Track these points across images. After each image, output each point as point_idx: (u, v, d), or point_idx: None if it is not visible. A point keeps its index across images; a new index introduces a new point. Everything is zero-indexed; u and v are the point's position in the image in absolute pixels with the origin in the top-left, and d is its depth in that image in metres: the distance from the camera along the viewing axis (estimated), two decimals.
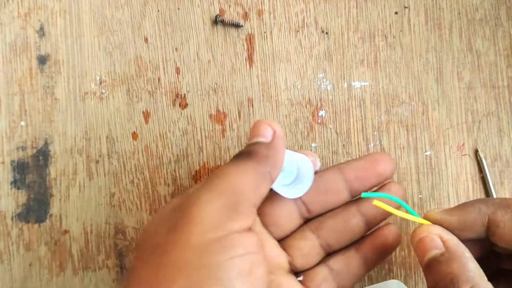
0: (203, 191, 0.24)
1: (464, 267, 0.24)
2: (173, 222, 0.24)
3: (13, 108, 0.36)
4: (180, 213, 0.24)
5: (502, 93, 0.37)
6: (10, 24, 0.37)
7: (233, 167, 0.26)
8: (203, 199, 0.23)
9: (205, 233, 0.23)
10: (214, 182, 0.25)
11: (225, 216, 0.23)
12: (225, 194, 0.24)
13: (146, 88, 0.37)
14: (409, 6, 0.37)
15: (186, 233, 0.23)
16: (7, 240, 0.36)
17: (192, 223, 0.23)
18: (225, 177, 0.25)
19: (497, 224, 0.26)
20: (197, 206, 0.23)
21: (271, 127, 0.28)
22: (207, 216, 0.23)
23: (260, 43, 0.37)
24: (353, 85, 0.37)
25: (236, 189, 0.24)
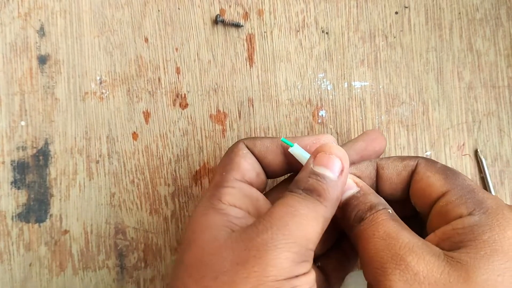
0: (279, 237, 0.25)
1: (379, 198, 0.29)
2: (243, 258, 0.25)
3: (13, 108, 0.36)
4: (253, 253, 0.25)
5: (502, 93, 0.37)
6: (10, 24, 0.37)
7: (305, 210, 0.26)
8: (279, 247, 0.25)
9: (279, 276, 0.25)
10: (288, 227, 0.26)
11: (296, 262, 0.25)
12: (299, 243, 0.26)
13: (146, 88, 0.37)
14: (410, 6, 0.37)
15: (261, 273, 0.24)
16: (7, 240, 0.36)
17: (269, 267, 0.25)
18: (298, 222, 0.26)
19: (382, 166, 0.31)
20: (274, 252, 0.25)
21: (341, 161, 0.28)
22: (282, 262, 0.25)
23: (260, 43, 0.37)
24: (353, 85, 0.37)
25: (308, 236, 0.26)
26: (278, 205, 0.27)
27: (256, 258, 0.25)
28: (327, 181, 0.27)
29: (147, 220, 0.37)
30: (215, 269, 0.25)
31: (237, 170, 0.30)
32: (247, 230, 0.26)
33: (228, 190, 0.29)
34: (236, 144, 0.31)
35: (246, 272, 0.24)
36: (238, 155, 0.30)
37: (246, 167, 0.30)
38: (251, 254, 0.25)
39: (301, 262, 0.26)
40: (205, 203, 0.29)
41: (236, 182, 0.30)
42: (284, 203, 0.27)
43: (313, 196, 0.27)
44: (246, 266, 0.25)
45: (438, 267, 0.25)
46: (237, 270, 0.25)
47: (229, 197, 0.29)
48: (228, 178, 0.30)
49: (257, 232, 0.26)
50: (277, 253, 0.25)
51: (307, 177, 0.28)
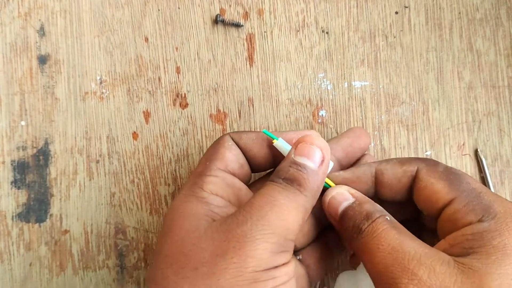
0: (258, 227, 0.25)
1: (375, 206, 0.29)
2: (223, 249, 0.25)
3: (14, 108, 0.36)
4: (232, 244, 0.25)
5: (502, 92, 0.37)
6: (10, 24, 0.37)
7: (285, 200, 0.26)
8: (258, 237, 0.25)
9: (258, 267, 0.25)
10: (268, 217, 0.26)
11: (275, 253, 0.25)
12: (278, 233, 0.26)
13: (146, 88, 0.37)
14: (410, 6, 0.37)
15: (240, 265, 0.25)
16: (7, 240, 0.36)
17: (248, 258, 0.25)
18: (278, 212, 0.26)
19: (381, 172, 0.30)
20: (253, 244, 0.25)
21: (321, 151, 0.28)
22: (261, 253, 0.25)
23: (260, 43, 0.37)
24: (353, 84, 0.37)
25: (288, 226, 0.26)
26: (258, 195, 0.27)
27: (236, 249, 0.25)
28: (308, 171, 0.27)
29: (147, 220, 0.37)
30: (195, 260, 0.25)
31: (221, 160, 0.30)
32: (227, 220, 0.26)
33: (211, 179, 0.29)
34: (221, 137, 0.31)
35: (225, 264, 0.25)
36: (223, 146, 0.30)
37: (230, 158, 0.30)
38: (231, 245, 0.25)
39: (280, 252, 0.26)
40: (186, 191, 0.29)
41: (219, 172, 0.29)
42: (264, 193, 0.27)
43: (293, 186, 0.27)
44: (226, 257, 0.25)
45: (450, 276, 0.24)
46: (217, 262, 0.25)
47: (211, 185, 0.29)
48: (211, 167, 0.30)
49: (237, 222, 0.26)
50: (256, 244, 0.25)
51: (288, 167, 0.28)
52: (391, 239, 0.26)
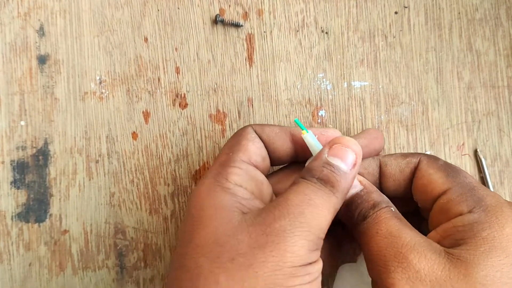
0: (296, 224, 0.26)
1: (382, 196, 0.30)
2: (261, 242, 0.25)
3: (13, 108, 0.36)
4: (271, 238, 0.26)
5: (502, 92, 0.37)
6: (10, 23, 0.37)
7: (320, 200, 0.27)
8: (297, 234, 0.26)
9: (296, 262, 0.25)
10: (305, 215, 0.26)
11: (310, 250, 0.26)
12: (313, 232, 0.26)
13: (146, 88, 0.37)
14: (409, 6, 0.37)
15: (279, 259, 0.25)
16: (7, 240, 0.36)
17: (287, 253, 0.25)
18: (313, 212, 0.27)
19: (385, 163, 0.31)
20: (292, 239, 0.26)
21: (355, 155, 0.29)
22: (299, 249, 0.25)
23: (260, 43, 0.37)
24: (353, 84, 0.37)
25: (321, 226, 0.27)
26: (293, 192, 0.27)
27: (275, 244, 0.25)
28: (341, 173, 0.28)
29: (147, 220, 0.37)
30: (232, 250, 0.25)
31: (244, 152, 0.30)
32: (262, 214, 0.27)
33: (235, 170, 0.29)
34: (244, 128, 0.31)
35: (264, 256, 0.25)
36: (245, 138, 0.31)
37: (253, 150, 0.30)
38: (270, 239, 0.25)
39: (314, 250, 0.26)
40: (211, 181, 0.29)
41: (242, 163, 0.30)
42: (299, 191, 0.27)
43: (327, 187, 0.28)
44: (265, 250, 0.25)
45: (439, 264, 0.25)
46: (255, 254, 0.25)
47: (235, 177, 0.29)
48: (234, 158, 0.30)
49: (273, 217, 0.26)
50: (294, 240, 0.25)
51: (321, 167, 0.28)
52: (390, 226, 0.27)
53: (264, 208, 0.27)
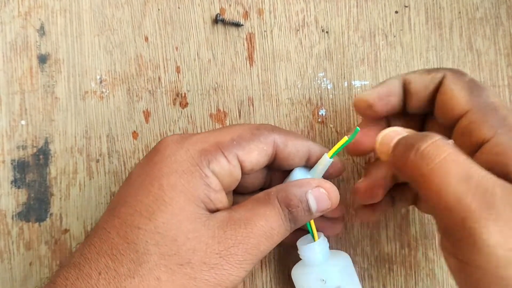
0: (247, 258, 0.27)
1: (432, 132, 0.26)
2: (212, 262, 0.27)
3: (14, 107, 0.36)
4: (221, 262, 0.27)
5: (502, 92, 0.37)
6: (10, 23, 0.37)
7: (278, 236, 0.28)
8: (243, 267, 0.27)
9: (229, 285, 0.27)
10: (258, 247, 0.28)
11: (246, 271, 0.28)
12: (255, 263, 0.28)
13: (146, 87, 0.37)
14: (410, 5, 0.37)
15: (218, 282, 0.27)
16: (7, 239, 0.36)
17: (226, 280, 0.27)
18: (268, 246, 0.28)
19: (409, 81, 0.30)
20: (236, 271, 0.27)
21: (330, 205, 0.29)
22: (237, 279, 0.27)
23: (260, 42, 0.37)
24: (353, 84, 0.37)
25: (263, 253, 0.28)
26: (261, 217, 0.28)
27: (222, 268, 0.26)
28: (308, 214, 0.29)
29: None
30: (184, 255, 0.26)
31: (246, 153, 0.29)
32: (226, 230, 0.27)
33: (223, 161, 0.28)
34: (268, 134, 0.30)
35: (208, 275, 0.26)
36: (259, 146, 0.29)
37: (253, 159, 0.29)
38: (220, 262, 0.26)
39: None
40: (195, 154, 0.28)
41: (234, 159, 0.29)
42: (267, 219, 0.28)
43: (290, 223, 0.28)
44: (211, 270, 0.26)
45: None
46: (202, 269, 0.26)
47: (218, 167, 0.28)
48: (233, 149, 0.28)
49: (233, 242, 0.27)
50: (239, 272, 0.27)
51: (299, 201, 0.28)
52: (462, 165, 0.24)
53: (230, 222, 0.27)
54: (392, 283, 0.36)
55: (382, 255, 0.36)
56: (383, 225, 0.36)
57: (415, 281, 0.36)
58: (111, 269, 0.25)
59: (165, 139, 0.29)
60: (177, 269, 0.26)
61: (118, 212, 0.27)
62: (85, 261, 0.26)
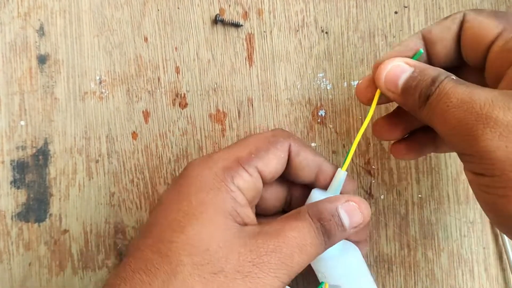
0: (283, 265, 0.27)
1: (437, 69, 0.27)
2: (245, 270, 0.26)
3: (13, 108, 0.36)
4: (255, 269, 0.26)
5: None
6: (10, 23, 0.37)
7: (312, 249, 0.28)
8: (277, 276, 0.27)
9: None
10: (292, 260, 0.27)
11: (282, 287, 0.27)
12: (291, 276, 0.27)
13: (145, 88, 0.37)
14: (409, 6, 0.37)
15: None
16: (6, 239, 0.36)
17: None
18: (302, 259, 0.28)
19: (429, 30, 0.29)
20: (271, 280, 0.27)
21: (363, 218, 0.29)
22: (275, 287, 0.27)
23: (260, 43, 0.37)
24: (353, 84, 0.37)
25: (299, 269, 0.27)
26: (294, 231, 0.27)
27: (256, 277, 0.26)
28: (342, 229, 0.28)
29: (147, 220, 0.37)
30: (218, 264, 0.26)
31: (265, 164, 0.29)
32: (258, 240, 0.27)
33: (245, 175, 0.29)
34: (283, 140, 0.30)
35: (242, 284, 0.26)
36: (275, 154, 0.30)
37: (272, 168, 0.30)
38: (254, 270, 0.26)
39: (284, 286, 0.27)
40: (218, 171, 0.28)
41: (255, 171, 0.29)
42: (300, 231, 0.27)
43: (324, 237, 0.28)
44: (245, 279, 0.26)
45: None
46: (236, 278, 0.26)
47: (242, 181, 0.29)
48: (252, 163, 0.29)
49: (266, 251, 0.26)
50: (273, 281, 0.26)
51: (331, 215, 0.28)
52: (459, 94, 0.25)
53: (261, 233, 0.27)
54: (391, 284, 0.36)
55: (382, 255, 0.36)
56: (382, 225, 0.36)
57: (414, 281, 0.36)
58: (145, 283, 0.25)
59: (190, 163, 0.30)
60: (210, 278, 0.25)
61: (150, 232, 0.28)
62: (120, 280, 0.26)
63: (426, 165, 0.37)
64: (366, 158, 0.37)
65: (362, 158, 0.37)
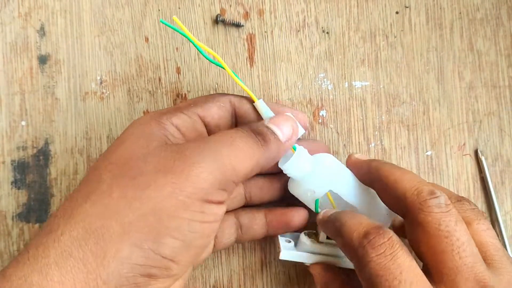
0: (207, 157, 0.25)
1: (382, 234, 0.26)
2: (167, 167, 0.25)
3: (14, 108, 0.36)
4: (177, 164, 0.25)
5: (503, 92, 0.37)
6: (10, 23, 0.37)
7: (244, 144, 0.27)
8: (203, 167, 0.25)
9: (193, 194, 0.25)
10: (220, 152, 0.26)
11: (214, 188, 0.25)
12: (223, 171, 0.26)
13: (146, 88, 0.37)
14: (410, 6, 0.37)
15: (177, 186, 0.25)
16: (7, 240, 0.36)
17: (186, 182, 0.25)
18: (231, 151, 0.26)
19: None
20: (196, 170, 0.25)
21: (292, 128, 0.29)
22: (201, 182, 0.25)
23: (261, 43, 0.37)
24: (354, 84, 0.37)
25: (236, 169, 0.26)
26: (220, 132, 0.28)
27: (178, 170, 0.25)
28: (276, 137, 0.28)
29: None
30: (136, 170, 0.25)
31: (204, 109, 0.30)
32: (180, 144, 0.27)
33: (182, 116, 0.29)
34: (222, 95, 0.32)
35: (163, 181, 0.25)
36: (215, 103, 0.31)
37: (213, 113, 0.30)
38: (175, 164, 0.25)
39: (220, 189, 0.26)
40: (154, 115, 0.29)
41: (194, 115, 0.30)
42: (226, 133, 0.27)
43: (256, 137, 0.28)
44: (166, 175, 0.25)
45: None
46: (157, 177, 0.25)
47: (179, 121, 0.29)
48: (191, 109, 0.30)
49: (188, 147, 0.26)
50: (199, 172, 0.25)
51: (259, 125, 0.29)
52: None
53: (186, 141, 0.27)
54: None
55: None
56: None
57: None
58: (66, 208, 0.25)
59: None
60: (129, 183, 0.25)
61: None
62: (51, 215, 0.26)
63: (427, 165, 0.37)
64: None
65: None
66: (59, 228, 0.24)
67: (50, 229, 0.25)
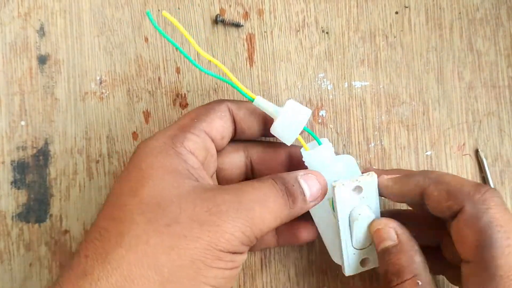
0: (242, 215, 0.26)
1: (411, 260, 0.28)
2: (202, 218, 0.26)
3: (13, 108, 0.36)
4: (213, 218, 0.26)
5: (502, 92, 0.37)
6: (10, 24, 0.37)
7: (275, 205, 0.28)
8: (238, 226, 0.26)
9: (226, 249, 0.26)
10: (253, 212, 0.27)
11: (243, 244, 0.27)
12: (253, 230, 0.27)
13: (146, 88, 0.37)
14: (410, 6, 0.37)
15: (212, 240, 0.25)
16: (7, 240, 0.36)
17: (221, 239, 0.26)
18: (263, 213, 0.27)
19: (428, 197, 0.29)
20: (231, 228, 0.26)
21: (321, 189, 0.30)
22: (234, 239, 0.26)
23: (260, 43, 0.37)
24: (353, 85, 0.37)
25: (263, 228, 0.27)
26: (254, 186, 0.28)
27: (215, 225, 0.25)
28: (303, 197, 0.29)
29: None
30: (171, 216, 0.25)
31: (209, 123, 0.30)
32: (214, 192, 0.27)
33: (193, 137, 0.29)
34: (219, 103, 0.32)
35: (199, 232, 0.25)
36: (215, 114, 0.31)
37: (217, 126, 0.31)
38: (211, 218, 0.25)
39: (246, 245, 0.27)
40: (166, 140, 0.29)
41: (201, 132, 0.30)
42: (261, 188, 0.28)
43: (288, 198, 0.28)
44: (202, 227, 0.25)
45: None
46: (192, 227, 0.25)
47: (191, 143, 0.29)
48: (196, 125, 0.30)
49: (223, 200, 0.26)
50: (234, 230, 0.26)
51: (293, 181, 0.29)
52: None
53: (218, 187, 0.27)
54: None
55: None
56: None
57: None
58: (98, 248, 0.25)
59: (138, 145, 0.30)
60: (165, 230, 0.25)
61: (105, 205, 0.28)
62: (76, 253, 0.26)
63: (427, 165, 0.37)
64: (367, 159, 0.37)
65: (363, 159, 0.37)
66: (94, 272, 0.24)
67: (83, 271, 0.25)
